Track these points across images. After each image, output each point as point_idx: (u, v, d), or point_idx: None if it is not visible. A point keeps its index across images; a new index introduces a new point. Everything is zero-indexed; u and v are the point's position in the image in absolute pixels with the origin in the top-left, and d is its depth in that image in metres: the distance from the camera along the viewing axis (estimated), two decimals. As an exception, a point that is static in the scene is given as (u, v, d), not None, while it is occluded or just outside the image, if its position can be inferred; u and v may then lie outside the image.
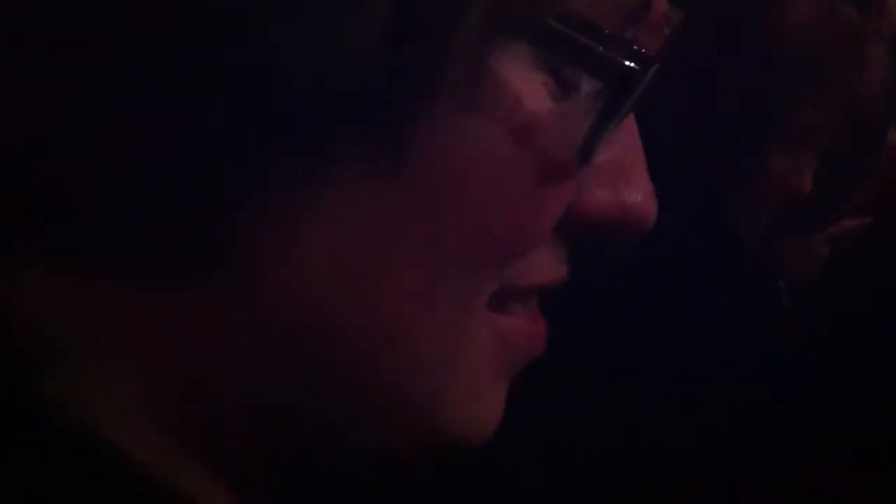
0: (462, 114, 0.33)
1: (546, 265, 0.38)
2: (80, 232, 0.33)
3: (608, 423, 0.61)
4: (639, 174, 0.38)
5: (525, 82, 0.34)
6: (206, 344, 0.34)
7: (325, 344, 0.35)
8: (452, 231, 0.35)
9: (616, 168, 0.37)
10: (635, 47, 0.34)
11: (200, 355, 0.34)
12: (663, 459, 0.61)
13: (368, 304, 0.34)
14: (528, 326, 0.38)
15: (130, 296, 0.34)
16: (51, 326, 0.34)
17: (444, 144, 0.33)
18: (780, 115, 0.73)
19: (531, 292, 0.38)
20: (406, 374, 0.35)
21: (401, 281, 0.34)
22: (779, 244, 0.77)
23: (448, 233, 0.35)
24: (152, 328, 0.34)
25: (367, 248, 0.34)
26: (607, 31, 0.34)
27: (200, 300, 0.34)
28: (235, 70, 0.31)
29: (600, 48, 0.34)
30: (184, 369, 0.34)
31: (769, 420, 0.64)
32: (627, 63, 0.34)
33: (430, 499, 0.47)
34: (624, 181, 0.37)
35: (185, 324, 0.34)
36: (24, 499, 0.32)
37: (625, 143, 0.38)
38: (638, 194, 0.38)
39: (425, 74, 0.32)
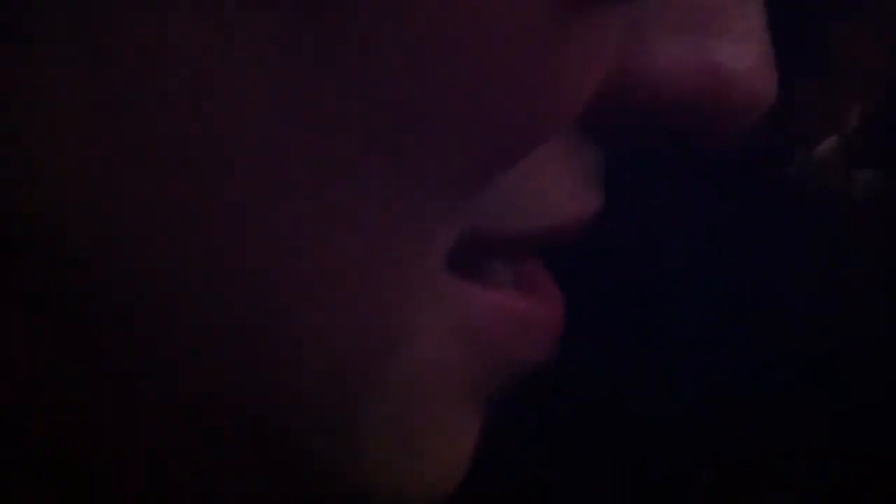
0: None
1: (563, 191, 0.22)
2: None
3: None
4: (742, 13, 0.22)
5: None
6: None
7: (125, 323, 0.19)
8: (370, 116, 0.18)
9: (700, 3, 0.21)
10: None
11: None
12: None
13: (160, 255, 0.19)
14: (524, 305, 0.22)
15: None
16: None
17: None
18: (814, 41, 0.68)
19: (532, 243, 0.22)
20: (291, 397, 0.20)
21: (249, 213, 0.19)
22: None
23: (359, 118, 0.18)
24: None
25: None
26: None
27: None
28: None
29: None
30: None
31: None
32: None
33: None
34: (716, 25, 0.21)
35: None
36: None
37: None
38: (741, 48, 0.21)
39: None
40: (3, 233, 0.19)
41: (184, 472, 0.21)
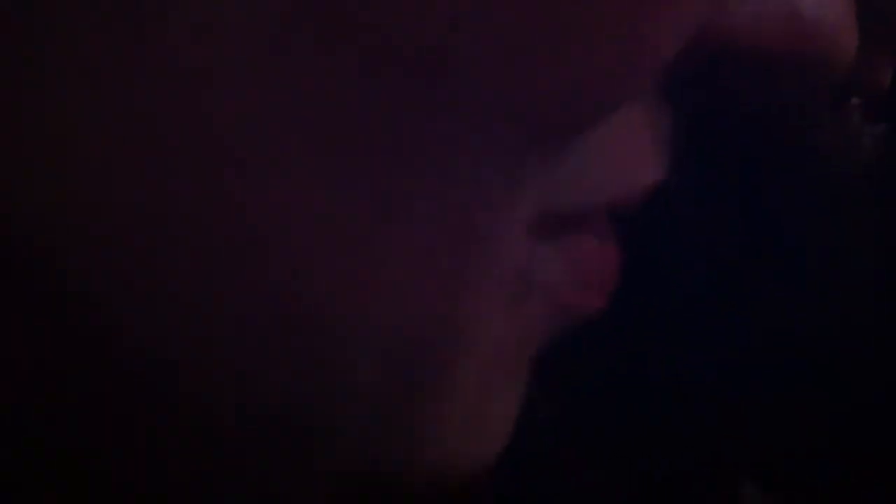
0: None
1: (638, 158, 0.21)
2: None
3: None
4: None
5: None
6: None
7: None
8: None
9: None
10: None
11: None
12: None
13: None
14: (584, 258, 0.21)
15: None
16: None
17: None
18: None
19: (605, 213, 0.21)
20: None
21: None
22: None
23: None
24: None
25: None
26: None
27: None
28: None
29: None
30: None
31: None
32: None
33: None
34: None
35: None
36: None
37: None
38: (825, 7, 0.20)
39: None
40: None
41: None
